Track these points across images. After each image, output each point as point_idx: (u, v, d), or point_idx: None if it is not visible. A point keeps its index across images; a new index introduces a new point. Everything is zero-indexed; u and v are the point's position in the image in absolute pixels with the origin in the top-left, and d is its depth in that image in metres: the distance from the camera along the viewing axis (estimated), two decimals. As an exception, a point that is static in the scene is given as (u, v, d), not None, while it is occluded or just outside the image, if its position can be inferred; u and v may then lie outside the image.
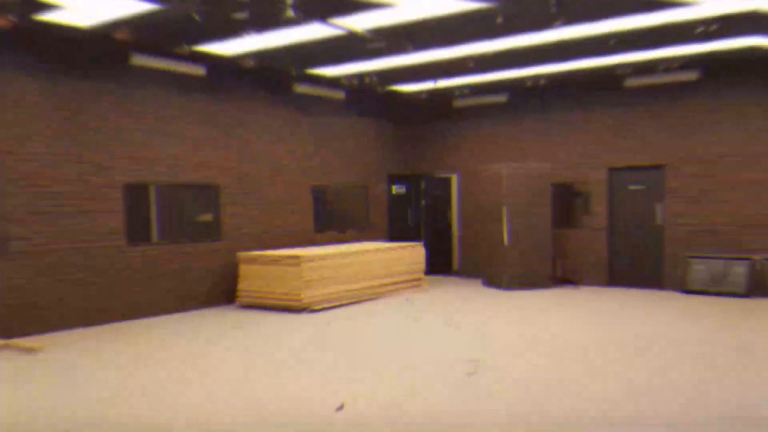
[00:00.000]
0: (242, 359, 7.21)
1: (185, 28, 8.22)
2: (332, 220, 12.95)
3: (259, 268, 10.36)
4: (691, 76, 11.08)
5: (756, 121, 10.85)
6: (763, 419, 5.07)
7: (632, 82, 11.59)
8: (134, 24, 7.93)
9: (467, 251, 14.30)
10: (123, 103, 9.46)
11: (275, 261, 10.24)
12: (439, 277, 14.02)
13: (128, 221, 9.51)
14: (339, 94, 12.41)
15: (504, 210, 12.05)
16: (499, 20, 7.79)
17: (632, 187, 12.20)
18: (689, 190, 11.49)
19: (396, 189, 14.55)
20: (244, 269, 10.55)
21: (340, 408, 5.43)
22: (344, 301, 10.66)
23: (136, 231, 9.67)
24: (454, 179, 14.77)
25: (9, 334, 8.23)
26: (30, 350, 7.60)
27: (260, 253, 10.54)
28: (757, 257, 10.83)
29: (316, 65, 10.51)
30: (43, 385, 6.31)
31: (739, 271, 10.87)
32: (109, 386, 6.21)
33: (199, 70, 10.07)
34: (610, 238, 12.42)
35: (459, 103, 13.73)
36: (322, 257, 10.34)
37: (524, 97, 12.99)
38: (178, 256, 10.15)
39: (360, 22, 7.90)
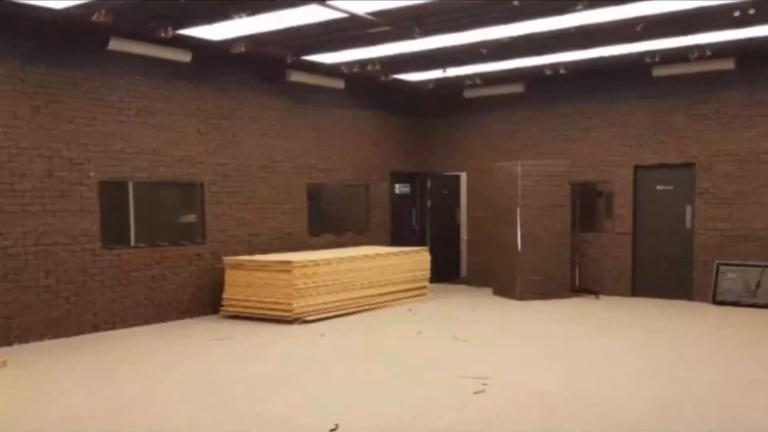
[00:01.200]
0: (224, 375, 7.12)
1: (169, 10, 8.15)
2: (328, 222, 12.86)
3: (247, 275, 10.27)
4: (727, 65, 10.94)
5: (797, 116, 10.75)
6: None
7: (661, 71, 11.47)
8: (113, 5, 7.84)
9: (476, 257, 14.21)
10: (99, 92, 9.36)
11: (264, 267, 10.15)
12: (445, 286, 13.96)
13: (103, 222, 9.42)
14: (338, 84, 12.32)
15: (517, 212, 11.96)
16: (516, 3, 7.70)
17: (660, 188, 12.09)
18: (722, 191, 11.38)
19: (399, 188, 14.47)
20: (230, 275, 10.46)
21: (333, 430, 5.33)
22: (340, 312, 10.57)
23: (112, 233, 9.57)
24: (463, 178, 14.69)
25: (-30, 345, 8.16)
26: (-8, 364, 7.51)
27: (248, 258, 10.46)
28: (797, 266, 10.72)
29: (313, 52, 10.44)
30: (3, 404, 6.21)
31: (778, 281, 10.75)
32: (75, 404, 6.13)
33: (183, 57, 9.98)
34: (635, 244, 12.32)
35: (470, 94, 13.63)
36: (317, 263, 10.25)
37: (542, 87, 12.89)
38: (158, 261, 10.06)
39: (362, 3, 7.80)
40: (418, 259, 12.27)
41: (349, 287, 10.80)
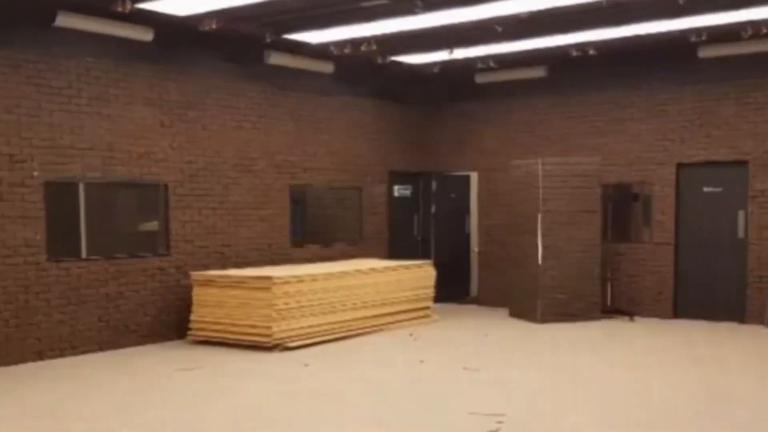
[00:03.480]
0: (191, 412, 7.13)
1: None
2: (314, 230, 12.89)
3: (219, 293, 10.29)
4: (785, 45, 11.03)
5: None
6: None
7: (709, 52, 11.50)
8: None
9: (489, 273, 14.23)
10: (45, 77, 9.38)
11: (239, 283, 10.18)
12: (453, 306, 13.98)
13: (50, 230, 9.43)
14: (326, 68, 12.35)
15: (538, 219, 11.99)
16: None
17: (707, 190, 12.13)
18: (781, 195, 11.43)
19: (398, 191, 14.49)
20: (198, 294, 10.48)
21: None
22: (328, 337, 10.58)
23: (60, 243, 9.59)
24: (474, 179, 14.71)
25: None
26: None
27: (220, 273, 10.48)
28: None
29: (296, 29, 10.47)
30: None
31: None
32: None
33: (144, 35, 10.01)
34: (677, 256, 12.34)
35: (482, 79, 13.67)
36: (301, 279, 10.28)
37: (568, 71, 12.92)
38: (114, 276, 10.07)
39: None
40: (420, 274, 12.28)
41: (339, 308, 10.81)
